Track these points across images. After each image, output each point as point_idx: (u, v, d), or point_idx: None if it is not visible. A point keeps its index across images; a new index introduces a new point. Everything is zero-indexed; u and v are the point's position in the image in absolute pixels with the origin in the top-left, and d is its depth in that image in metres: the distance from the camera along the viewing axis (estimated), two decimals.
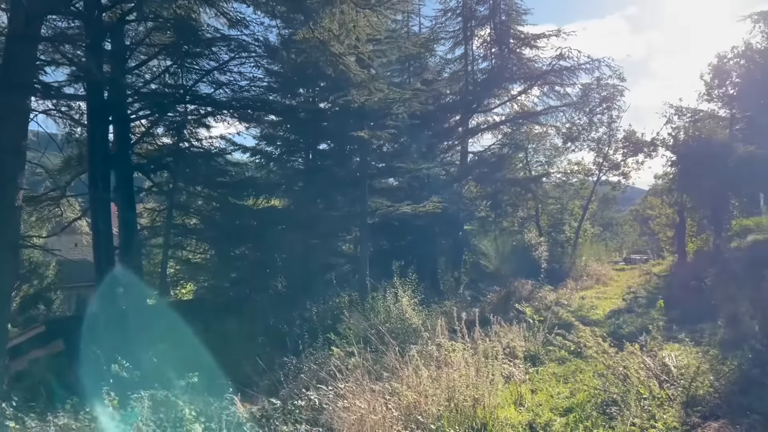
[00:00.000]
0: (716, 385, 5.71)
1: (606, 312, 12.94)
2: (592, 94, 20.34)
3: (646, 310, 12.15)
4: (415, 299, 12.47)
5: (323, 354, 8.95)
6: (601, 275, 19.30)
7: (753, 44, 20.63)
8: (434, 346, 6.91)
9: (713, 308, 9.90)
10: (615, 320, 11.51)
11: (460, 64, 21.40)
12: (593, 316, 12.49)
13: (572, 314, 12.65)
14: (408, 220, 17.11)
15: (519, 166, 22.59)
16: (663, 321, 10.51)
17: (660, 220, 22.90)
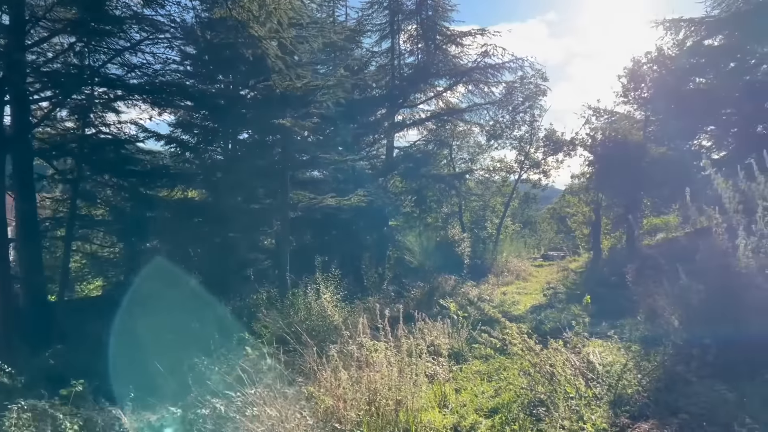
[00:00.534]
0: (644, 383, 5.48)
1: (527, 307, 12.87)
2: (516, 92, 20.46)
3: (567, 305, 12.13)
4: (338, 295, 11.92)
5: (236, 355, 8.23)
6: (521, 271, 19.42)
7: (665, 50, 21.33)
8: (355, 346, 6.36)
9: (633, 304, 9.89)
10: (537, 316, 11.42)
11: (386, 58, 21.01)
12: (515, 312, 12.37)
13: (495, 309, 12.50)
14: (332, 214, 16.54)
15: (443, 162, 22.48)
16: (584, 316, 10.43)
17: (577, 218, 23.37)
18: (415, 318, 8.72)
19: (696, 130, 21.20)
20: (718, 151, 21.23)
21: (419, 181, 20.09)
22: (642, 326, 8.37)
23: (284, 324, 10.91)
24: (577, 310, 11.30)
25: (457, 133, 22.22)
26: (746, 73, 19.65)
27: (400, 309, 7.47)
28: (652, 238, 22.11)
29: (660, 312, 8.37)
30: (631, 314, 9.47)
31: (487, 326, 8.65)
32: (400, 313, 7.29)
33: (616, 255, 20.51)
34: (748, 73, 19.65)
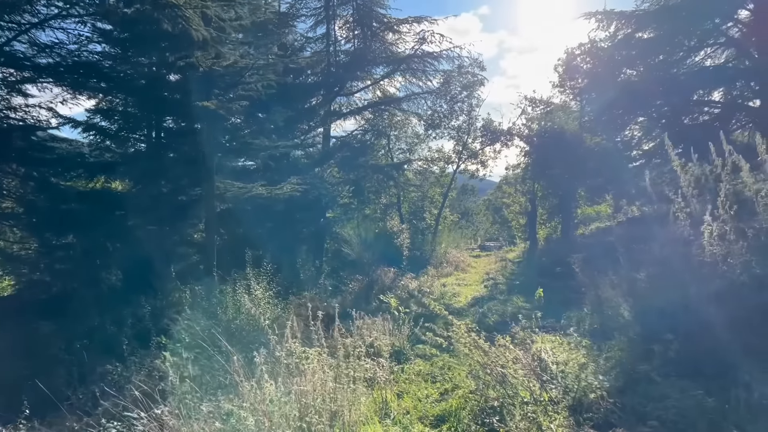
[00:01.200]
0: (605, 385, 4.87)
1: (468, 299, 12.32)
2: (454, 81, 19.92)
3: (509, 296, 11.65)
4: (270, 291, 11.00)
5: (152, 362, 7.24)
6: (460, 262, 18.97)
7: (598, 42, 21.32)
8: (284, 352, 5.51)
9: (578, 295, 9.43)
10: (479, 308, 10.87)
11: (322, 44, 20.04)
12: (456, 304, 11.80)
13: (436, 303, 11.88)
14: (266, 205, 15.52)
15: (381, 153, 21.75)
16: (528, 308, 9.95)
17: (513, 208, 23.18)
18: (353, 316, 7.91)
19: (627, 121, 21.30)
20: (648, 141, 21.40)
21: (357, 171, 19.28)
22: (590, 319, 7.87)
23: (209, 325, 9.94)
24: (520, 301, 10.83)
25: (395, 123, 21.51)
26: (674, 65, 19.80)
27: (336, 308, 6.62)
28: (586, 227, 22.19)
29: (608, 303, 7.91)
30: (576, 306, 9.00)
31: (429, 322, 7.98)
32: (336, 311, 6.45)
33: (552, 245, 20.41)
34: (675, 66, 19.81)
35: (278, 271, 14.92)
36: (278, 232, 16.96)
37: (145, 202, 13.54)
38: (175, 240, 15.92)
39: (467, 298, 12.37)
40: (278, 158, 14.71)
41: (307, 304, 12.33)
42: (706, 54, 19.91)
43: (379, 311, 10.51)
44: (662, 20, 18.73)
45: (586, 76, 21.76)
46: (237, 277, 10.80)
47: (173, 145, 13.82)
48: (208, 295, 10.56)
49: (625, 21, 19.79)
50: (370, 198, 20.41)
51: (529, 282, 13.51)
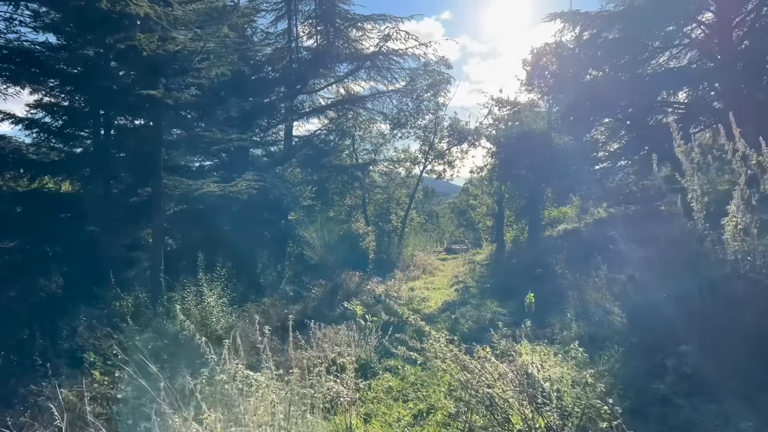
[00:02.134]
0: (617, 410, 3.96)
1: (438, 304, 11.39)
2: (420, 80, 19.06)
3: (481, 300, 10.78)
4: (225, 298, 9.90)
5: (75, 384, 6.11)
6: (427, 265, 18.08)
7: (564, 42, 20.76)
8: (224, 375, 4.46)
9: (558, 298, 8.60)
10: (451, 314, 9.94)
11: (283, 40, 18.96)
12: (426, 310, 10.86)
13: (405, 308, 10.93)
14: (224, 206, 14.40)
15: (345, 153, 20.73)
16: (504, 313, 9.08)
17: (480, 210, 22.46)
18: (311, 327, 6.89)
19: (593, 122, 20.76)
20: (613, 142, 20.93)
21: (320, 171, 18.25)
22: (576, 325, 7.01)
23: (151, 338, 8.79)
24: (495, 306, 9.95)
25: (359, 123, 20.53)
26: (639, 66, 19.35)
27: (292, 317, 5.61)
28: (553, 229, 21.60)
29: (595, 308, 7.06)
30: (557, 311, 8.15)
31: (399, 330, 7.04)
32: (291, 324, 5.44)
33: (520, 247, 19.72)
34: (640, 67, 19.37)
35: (237, 276, 13.81)
36: (238, 235, 15.81)
37: (92, 203, 12.28)
38: (128, 244, 14.64)
39: (437, 303, 11.44)
40: (235, 155, 13.59)
41: (269, 311, 11.28)
42: (672, 54, 19.50)
43: (343, 319, 9.54)
44: (627, 21, 18.21)
45: (552, 76, 21.21)
46: (188, 284, 9.66)
47: (123, 141, 12.58)
48: (154, 304, 9.39)
49: (590, 22, 19.19)
50: (334, 199, 19.39)
51: (501, 285, 12.69)
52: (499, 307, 9.57)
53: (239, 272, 14.76)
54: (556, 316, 7.84)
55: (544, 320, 7.95)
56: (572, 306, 7.58)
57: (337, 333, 7.20)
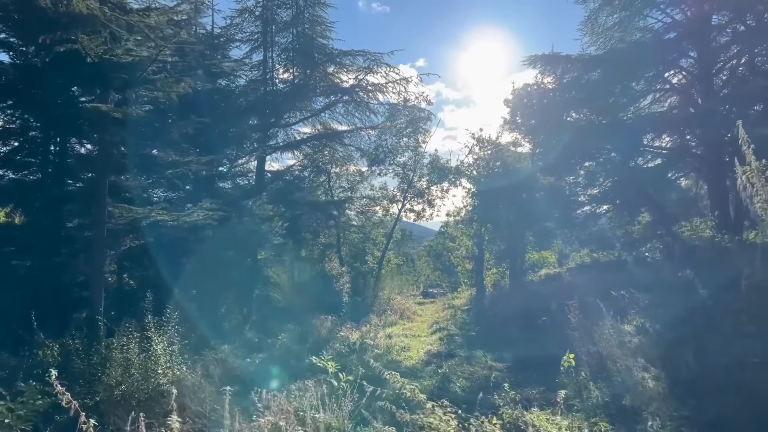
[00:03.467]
0: None
1: (421, 355, 9.91)
2: (399, 115, 18.00)
3: (470, 352, 9.33)
4: (175, 346, 8.34)
5: None
6: (405, 309, 16.64)
7: (545, 83, 20.04)
8: None
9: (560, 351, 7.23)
10: (437, 368, 8.47)
11: (258, 71, 17.80)
12: (407, 362, 9.38)
13: (382, 361, 9.44)
14: (184, 242, 12.89)
15: (321, 191, 19.39)
16: (500, 369, 7.68)
17: (459, 252, 21.19)
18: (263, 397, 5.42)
19: (574, 165, 19.87)
20: (593, 187, 20.04)
21: (293, 208, 16.84)
22: (595, 388, 5.65)
23: (82, 392, 7.18)
24: (488, 358, 8.54)
25: (336, 159, 19.30)
26: (620, 110, 18.66)
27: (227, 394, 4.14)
28: (534, 273, 20.45)
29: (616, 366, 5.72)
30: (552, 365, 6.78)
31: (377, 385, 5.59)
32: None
33: (502, 291, 18.45)
34: (621, 111, 18.68)
35: (197, 319, 12.29)
36: (201, 275, 14.21)
37: (40, 235, 10.68)
38: (81, 282, 12.99)
39: (419, 354, 9.96)
40: (200, 186, 12.15)
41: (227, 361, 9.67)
42: (654, 99, 18.88)
43: (312, 373, 8.06)
44: (607, 65, 17.54)
45: (533, 117, 20.43)
46: (131, 329, 8.07)
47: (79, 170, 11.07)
48: (87, 352, 7.77)
49: (570, 65, 18.49)
50: (306, 238, 17.94)
51: (489, 333, 11.32)
52: (494, 361, 8.16)
53: (200, 315, 13.16)
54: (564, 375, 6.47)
55: (547, 380, 6.54)
56: (586, 363, 6.23)
57: (305, 392, 5.68)
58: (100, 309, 8.12)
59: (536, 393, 5.96)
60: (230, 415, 3.99)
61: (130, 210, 8.04)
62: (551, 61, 18.61)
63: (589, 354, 6.36)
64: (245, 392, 8.63)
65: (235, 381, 9.34)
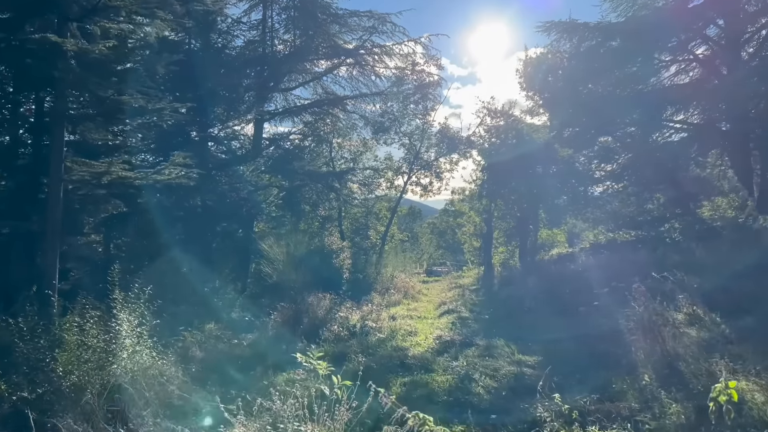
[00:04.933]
0: None
1: (429, 341, 8.45)
2: (406, 80, 16.34)
3: (488, 340, 7.85)
4: (146, 326, 6.92)
5: None
6: (410, 288, 15.20)
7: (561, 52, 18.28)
8: None
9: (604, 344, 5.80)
10: (451, 358, 7.01)
11: (256, 32, 16.14)
12: (415, 349, 7.92)
13: (386, 347, 8.01)
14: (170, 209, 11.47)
15: (322, 162, 17.78)
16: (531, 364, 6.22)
17: (467, 229, 19.70)
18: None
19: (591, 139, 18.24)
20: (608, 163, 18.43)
21: (291, 177, 15.33)
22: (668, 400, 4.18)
23: (24, 382, 5.81)
24: (510, 349, 7.08)
25: (338, 129, 17.68)
26: (640, 81, 16.94)
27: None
28: (546, 252, 19.01)
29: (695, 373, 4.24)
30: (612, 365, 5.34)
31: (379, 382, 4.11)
32: None
33: (512, 271, 17.02)
34: (641, 82, 16.96)
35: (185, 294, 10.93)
36: (191, 246, 12.81)
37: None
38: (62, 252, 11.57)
39: (428, 340, 8.51)
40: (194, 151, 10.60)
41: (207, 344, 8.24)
42: (678, 69, 17.13)
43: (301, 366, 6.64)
44: (628, 34, 15.80)
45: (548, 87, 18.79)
46: (88, 306, 6.63)
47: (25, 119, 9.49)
48: (32, 333, 6.34)
49: (588, 33, 16.70)
50: (305, 210, 16.45)
51: (504, 317, 9.87)
52: (521, 354, 6.69)
53: (188, 290, 11.76)
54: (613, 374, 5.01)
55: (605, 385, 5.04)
56: (649, 364, 4.77)
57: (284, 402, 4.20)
58: (53, 282, 6.66)
59: (588, 402, 4.51)
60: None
61: (85, 163, 6.54)
62: (568, 28, 16.82)
63: (651, 351, 4.90)
64: (225, 382, 7.28)
65: (217, 368, 7.98)
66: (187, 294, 11.44)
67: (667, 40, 15.47)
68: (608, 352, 5.62)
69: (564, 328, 7.48)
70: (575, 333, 7.09)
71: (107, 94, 6.26)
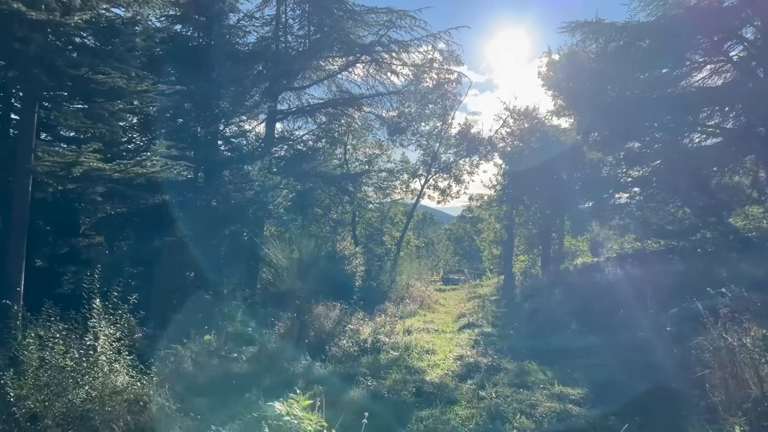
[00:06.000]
0: None
1: (450, 362, 7.30)
2: (425, 77, 15.22)
3: (518, 363, 6.69)
4: (125, 340, 5.91)
5: None
6: (426, 297, 14.08)
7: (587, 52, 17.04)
8: None
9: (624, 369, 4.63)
10: (476, 386, 5.86)
11: (269, 28, 15.18)
12: (433, 373, 6.78)
13: (399, 369, 6.89)
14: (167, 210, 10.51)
15: (335, 163, 16.67)
16: (577, 400, 5.05)
17: (487, 235, 18.50)
18: None
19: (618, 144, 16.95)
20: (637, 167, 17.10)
21: (303, 179, 14.29)
22: None
23: None
24: (544, 376, 5.92)
25: (353, 131, 16.61)
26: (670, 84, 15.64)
27: None
28: (570, 262, 17.76)
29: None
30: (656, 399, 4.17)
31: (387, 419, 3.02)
32: None
33: (535, 281, 15.79)
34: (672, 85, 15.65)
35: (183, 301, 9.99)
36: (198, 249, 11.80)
37: None
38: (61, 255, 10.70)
39: (448, 360, 7.37)
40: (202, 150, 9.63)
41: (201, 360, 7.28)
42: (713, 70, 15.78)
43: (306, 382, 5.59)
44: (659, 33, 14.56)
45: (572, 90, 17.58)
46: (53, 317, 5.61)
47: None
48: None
49: (615, 33, 15.45)
50: (317, 214, 15.41)
51: (532, 334, 8.70)
52: (561, 385, 5.51)
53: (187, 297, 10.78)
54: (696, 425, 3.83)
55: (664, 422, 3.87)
56: (739, 410, 3.60)
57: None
58: (18, 289, 5.66)
59: None
60: None
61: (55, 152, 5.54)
62: (595, 28, 15.59)
63: (738, 392, 3.73)
64: (213, 406, 6.23)
65: (207, 388, 6.94)
66: (189, 301, 10.48)
67: (700, 41, 14.26)
68: (672, 389, 4.45)
69: (606, 350, 6.32)
70: (621, 358, 5.93)
71: (79, 72, 5.28)
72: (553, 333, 8.37)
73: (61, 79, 5.35)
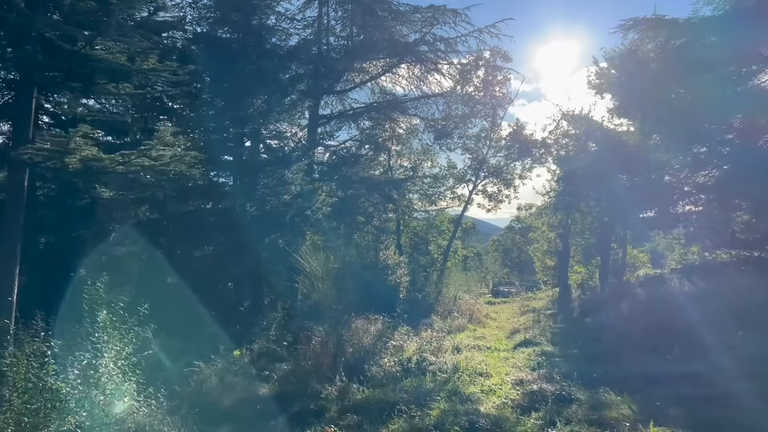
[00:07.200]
0: None
1: (508, 389, 6.08)
2: (471, 75, 14.06)
3: (591, 392, 5.42)
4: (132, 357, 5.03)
5: None
6: (475, 311, 12.83)
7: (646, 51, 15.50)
8: None
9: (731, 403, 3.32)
10: (543, 423, 4.67)
11: (311, 30, 14.43)
12: (489, 402, 5.59)
13: (448, 392, 5.74)
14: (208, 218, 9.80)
15: (379, 171, 15.64)
16: None
17: (540, 245, 17.06)
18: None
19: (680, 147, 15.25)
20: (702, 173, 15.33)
21: (345, 186, 13.37)
22: None
23: None
24: (629, 408, 4.65)
25: (397, 136, 15.59)
26: (743, 81, 13.90)
27: None
28: (631, 273, 16.15)
29: None
30: None
31: None
32: None
33: (594, 294, 14.26)
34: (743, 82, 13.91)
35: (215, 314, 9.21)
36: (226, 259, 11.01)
37: None
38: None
39: (505, 384, 6.16)
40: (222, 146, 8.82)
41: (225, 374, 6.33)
42: None
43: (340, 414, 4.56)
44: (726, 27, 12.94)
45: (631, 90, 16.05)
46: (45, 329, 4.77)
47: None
48: None
49: (677, 30, 13.87)
50: (359, 222, 14.41)
51: (601, 355, 7.37)
52: (656, 425, 4.25)
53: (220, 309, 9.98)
54: None
55: None
56: None
57: None
58: (10, 299, 4.85)
59: None
60: None
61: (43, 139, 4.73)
62: (653, 26, 14.09)
63: None
64: None
65: (229, 413, 5.97)
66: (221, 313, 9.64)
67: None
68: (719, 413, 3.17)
69: (701, 379, 4.99)
70: (726, 390, 4.59)
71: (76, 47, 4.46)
72: (627, 354, 7.03)
73: (55, 56, 4.55)
